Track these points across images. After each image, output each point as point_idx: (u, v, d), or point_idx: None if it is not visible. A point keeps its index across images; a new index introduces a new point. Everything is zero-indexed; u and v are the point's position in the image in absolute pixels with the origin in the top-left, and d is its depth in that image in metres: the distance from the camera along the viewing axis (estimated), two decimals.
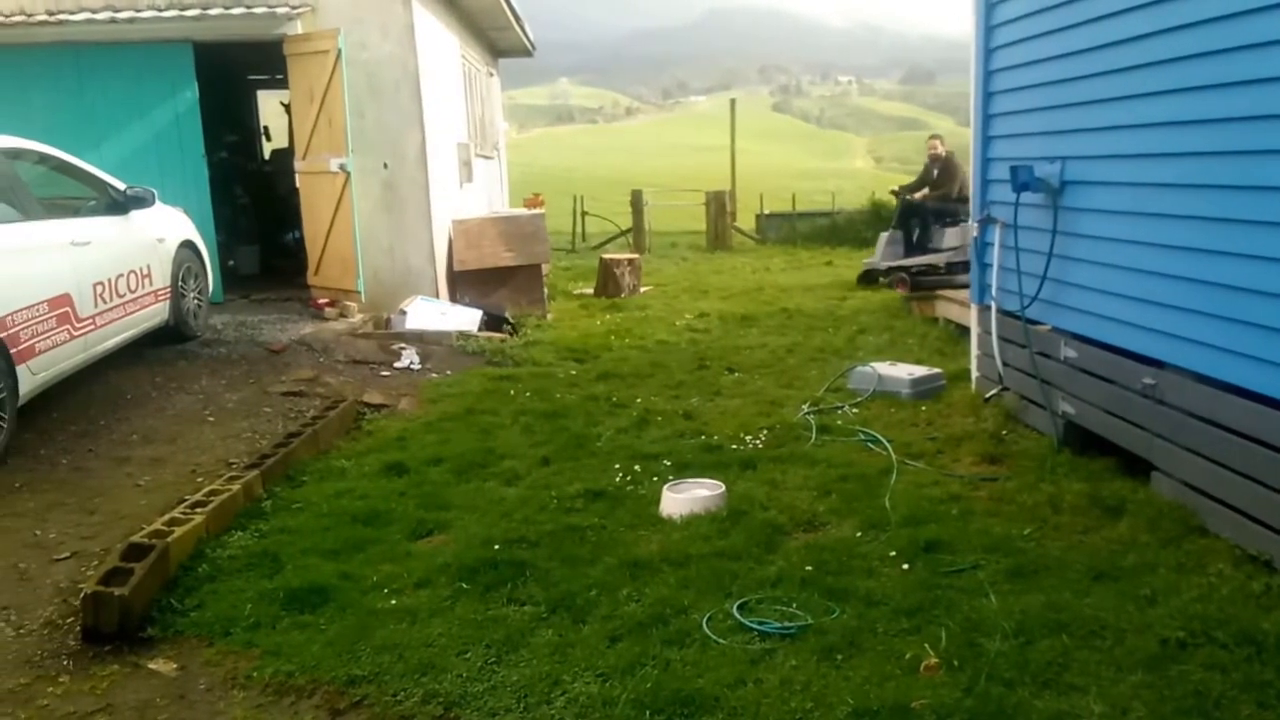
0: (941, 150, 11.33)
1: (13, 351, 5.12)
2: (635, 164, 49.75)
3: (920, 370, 6.53)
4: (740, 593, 3.55)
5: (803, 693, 2.93)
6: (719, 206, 18.50)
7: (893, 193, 12.16)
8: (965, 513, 4.26)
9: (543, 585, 3.67)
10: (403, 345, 7.63)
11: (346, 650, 3.26)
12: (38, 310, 5.38)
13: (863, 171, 65.85)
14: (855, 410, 6.05)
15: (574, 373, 7.29)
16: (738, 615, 3.39)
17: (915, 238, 11.19)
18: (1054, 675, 2.94)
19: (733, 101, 25.08)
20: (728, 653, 3.17)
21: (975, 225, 6.06)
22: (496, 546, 3.99)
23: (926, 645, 3.12)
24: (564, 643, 3.27)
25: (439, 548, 4.07)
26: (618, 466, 5.00)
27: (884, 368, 6.57)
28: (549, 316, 9.77)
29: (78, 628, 3.45)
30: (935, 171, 11.19)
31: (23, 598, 3.70)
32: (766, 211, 21.02)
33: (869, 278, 11.67)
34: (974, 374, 6.34)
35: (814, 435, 5.49)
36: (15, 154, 6.02)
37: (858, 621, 3.32)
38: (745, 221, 20.68)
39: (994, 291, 5.79)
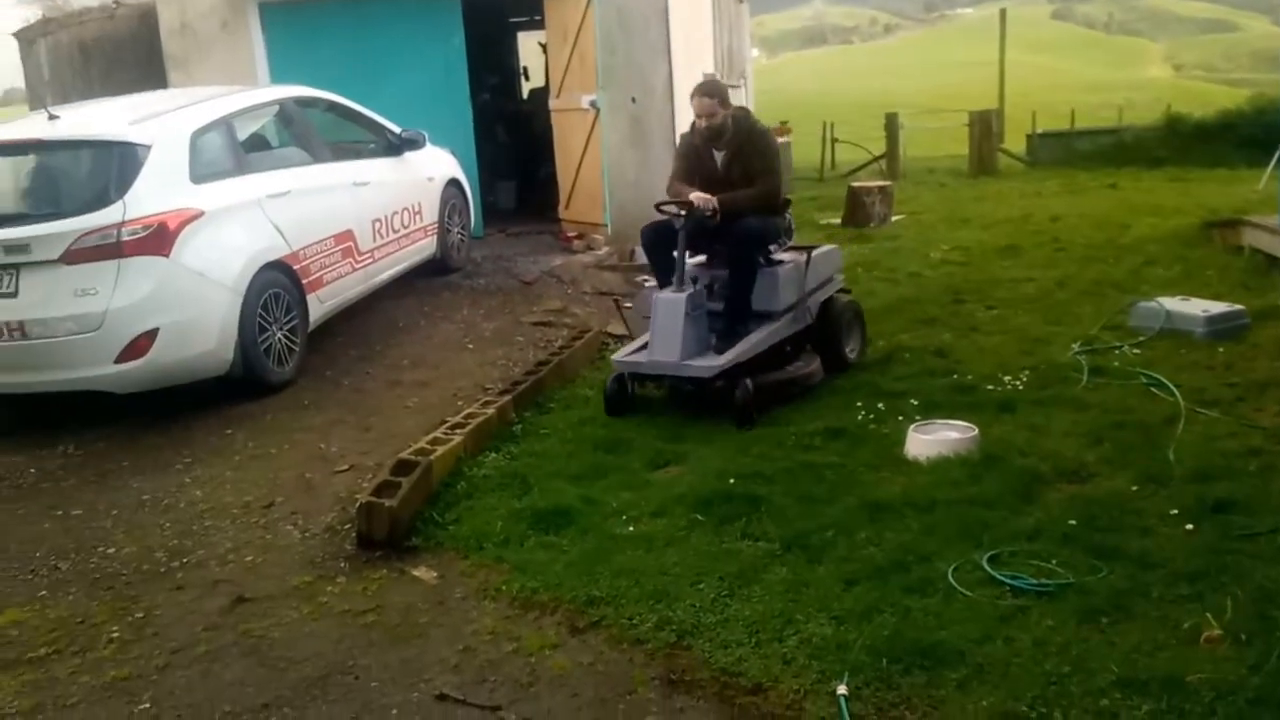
0: (721, 112, 5.03)
1: (304, 282, 5.68)
2: (893, 85, 47.23)
3: (1218, 306, 5.86)
4: (991, 544, 3.35)
5: (1059, 656, 2.75)
6: (984, 127, 17.22)
7: (671, 210, 4.93)
8: (1267, 469, 3.79)
9: (777, 522, 3.62)
10: (645, 277, 7.73)
11: (586, 572, 3.39)
12: (325, 245, 5.91)
13: (1159, 81, 58.88)
14: (1136, 351, 5.51)
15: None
16: (988, 567, 3.20)
17: (721, 288, 5.08)
18: None
19: (1002, 11, 23.12)
20: (974, 606, 3.01)
21: None
22: (732, 480, 3.98)
23: (1209, 615, 2.83)
24: (798, 581, 3.23)
25: (676, 478, 4.12)
26: (860, 404, 4.83)
27: (1173, 303, 5.94)
28: None
29: (353, 534, 3.81)
30: (721, 153, 5.11)
31: (308, 504, 4.13)
32: (1039, 131, 19.31)
33: (621, 394, 4.93)
34: None
35: (1085, 377, 5.04)
36: (307, 102, 6.59)
37: (1128, 584, 3.06)
38: (1014, 143, 19.13)
39: None
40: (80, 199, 4.97)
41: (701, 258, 5.20)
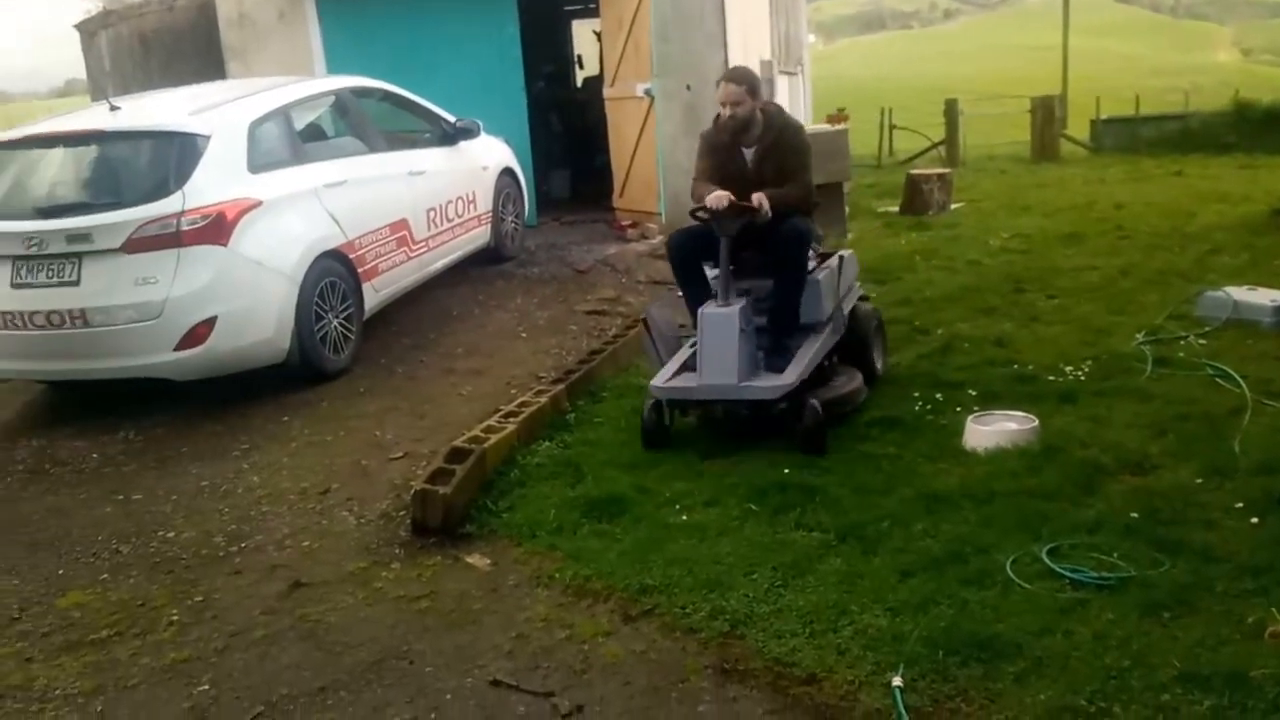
0: (749, 102, 4.56)
1: (360, 271, 5.75)
2: (953, 71, 46.34)
3: None
4: (1051, 536, 3.28)
5: (1120, 649, 2.69)
6: (1046, 113, 16.82)
7: (703, 216, 4.46)
8: None
9: (832, 512, 3.59)
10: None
11: (639, 560, 3.38)
12: (381, 234, 5.98)
13: (1226, 65, 56.98)
14: (1202, 341, 5.35)
15: (873, 295, 6.94)
16: (1047, 560, 3.14)
17: (756, 300, 4.53)
18: None
19: None
20: (1033, 599, 2.96)
21: None
22: (786, 470, 3.95)
23: (1274, 609, 2.77)
24: (852, 572, 3.20)
25: (730, 468, 4.09)
26: (916, 394, 4.75)
27: (1241, 292, 5.77)
28: (849, 236, 9.42)
29: (408, 521, 3.85)
30: (750, 150, 4.65)
31: (364, 490, 4.19)
32: (1103, 116, 18.82)
33: (659, 425, 4.39)
34: None
35: (1149, 367, 4.91)
36: (363, 92, 6.67)
37: (1192, 577, 2.99)
38: (1078, 129, 18.67)
39: None
40: (140, 189, 5.06)
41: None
